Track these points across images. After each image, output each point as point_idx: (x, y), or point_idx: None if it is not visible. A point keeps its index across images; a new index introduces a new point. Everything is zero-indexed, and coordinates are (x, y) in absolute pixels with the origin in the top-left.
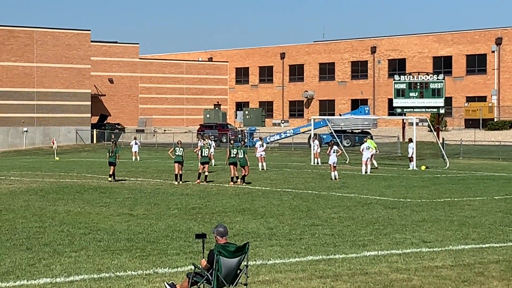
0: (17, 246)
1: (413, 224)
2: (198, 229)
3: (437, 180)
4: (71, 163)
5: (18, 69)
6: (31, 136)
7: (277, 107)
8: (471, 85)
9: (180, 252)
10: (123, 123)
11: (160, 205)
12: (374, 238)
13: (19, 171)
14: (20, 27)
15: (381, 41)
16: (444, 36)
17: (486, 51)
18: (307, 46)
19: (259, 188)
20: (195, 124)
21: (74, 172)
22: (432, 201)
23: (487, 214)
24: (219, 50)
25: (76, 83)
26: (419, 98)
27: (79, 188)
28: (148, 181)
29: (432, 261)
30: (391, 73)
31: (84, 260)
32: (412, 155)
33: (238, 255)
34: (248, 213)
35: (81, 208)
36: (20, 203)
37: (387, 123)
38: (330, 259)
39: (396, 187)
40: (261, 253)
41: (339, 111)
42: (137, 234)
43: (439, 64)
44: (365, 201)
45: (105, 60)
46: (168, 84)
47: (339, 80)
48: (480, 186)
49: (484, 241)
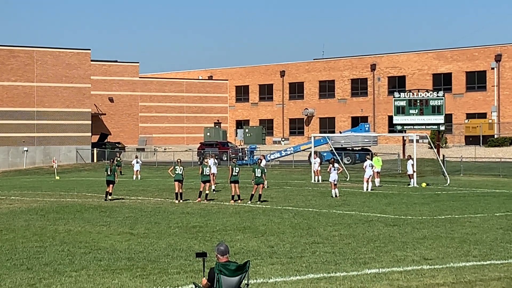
0: (18, 266)
1: (414, 242)
2: (198, 247)
3: (437, 197)
4: (72, 182)
5: (18, 88)
6: (32, 156)
7: (277, 125)
8: (471, 102)
9: (181, 271)
10: (123, 142)
11: (161, 223)
12: (375, 256)
13: (19, 190)
14: (20, 47)
15: (381, 58)
16: (443, 53)
17: (486, 68)
18: (307, 64)
19: (260, 206)
20: (195, 143)
21: (75, 192)
22: (433, 218)
23: (488, 231)
24: (219, 68)
25: (76, 102)
26: (419, 115)
27: (80, 207)
28: (149, 199)
29: (433, 279)
30: (391, 90)
31: (85, 279)
32: (413, 172)
33: (238, 273)
34: (248, 231)
35: (82, 227)
36: (20, 223)
37: (387, 140)
38: (331, 277)
39: (397, 204)
40: (262, 272)
41: (339, 129)
42: (138, 253)
43: (439, 81)
44: (366, 218)
45: (105, 79)
46: (168, 102)
47: (339, 97)
48: (480, 203)
49: (485, 258)
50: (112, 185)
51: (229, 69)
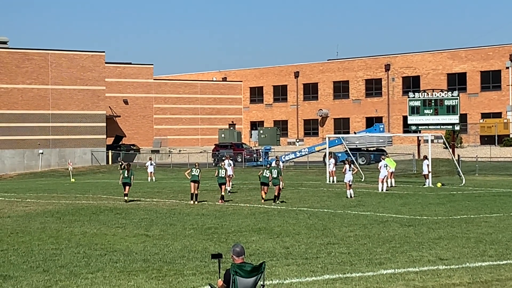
0: (34, 268)
1: (429, 242)
2: (214, 249)
3: (453, 197)
4: (87, 184)
5: (33, 91)
6: (47, 158)
7: (292, 126)
8: (486, 102)
9: (197, 272)
10: (138, 144)
11: (176, 225)
12: (390, 256)
13: (35, 193)
14: (34, 50)
15: (395, 58)
16: (458, 52)
17: (501, 67)
18: (321, 65)
19: (275, 207)
20: (210, 144)
21: (90, 194)
22: (448, 218)
23: (504, 230)
24: (233, 69)
25: (91, 104)
26: (434, 115)
27: (95, 210)
28: (164, 201)
29: (449, 279)
30: (406, 91)
31: (101, 281)
32: (428, 172)
33: (254, 274)
34: (264, 232)
35: (97, 229)
36: (36, 225)
37: (402, 140)
38: (347, 278)
39: (412, 205)
40: (278, 273)
41: (354, 129)
42: (153, 255)
43: (454, 81)
44: (381, 219)
45: (120, 81)
46: (183, 104)
47: (354, 98)
48: (496, 202)
49: (501, 257)
50: (128, 186)
51: (243, 70)
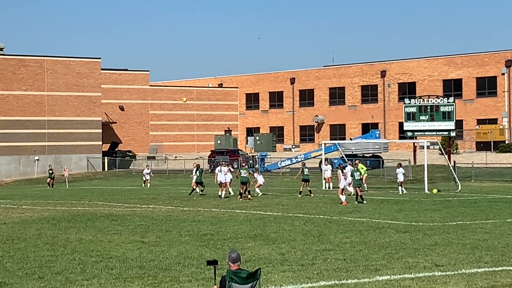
0: (29, 275)
1: (425, 248)
2: (210, 255)
3: (449, 203)
4: (83, 191)
5: (29, 98)
6: (43, 165)
7: (288, 132)
8: (482, 108)
9: (192, 279)
10: (134, 150)
11: (172, 232)
12: (386, 263)
13: (30, 199)
14: (30, 56)
15: (391, 65)
16: (453, 59)
17: (496, 74)
18: (317, 71)
19: (271, 214)
20: (206, 150)
21: (86, 200)
22: (444, 225)
23: (500, 237)
24: (229, 76)
25: (87, 111)
26: (429, 121)
27: (91, 216)
28: (160, 208)
29: (445, 285)
30: (401, 97)
31: None
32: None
33: (250, 281)
34: (259, 238)
35: (93, 236)
36: (32, 232)
37: (398, 146)
38: (343, 284)
39: (408, 211)
40: (273, 279)
41: (350, 135)
42: (149, 262)
43: (449, 87)
44: (377, 225)
45: (116, 87)
46: (179, 110)
47: (350, 104)
48: (492, 208)
49: (497, 264)
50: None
51: (239, 76)
